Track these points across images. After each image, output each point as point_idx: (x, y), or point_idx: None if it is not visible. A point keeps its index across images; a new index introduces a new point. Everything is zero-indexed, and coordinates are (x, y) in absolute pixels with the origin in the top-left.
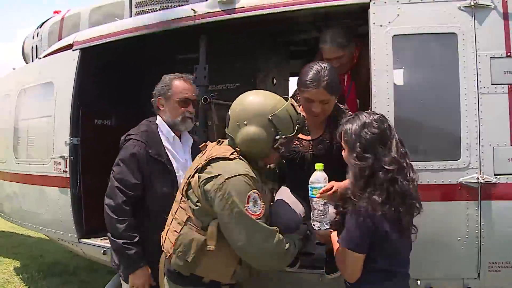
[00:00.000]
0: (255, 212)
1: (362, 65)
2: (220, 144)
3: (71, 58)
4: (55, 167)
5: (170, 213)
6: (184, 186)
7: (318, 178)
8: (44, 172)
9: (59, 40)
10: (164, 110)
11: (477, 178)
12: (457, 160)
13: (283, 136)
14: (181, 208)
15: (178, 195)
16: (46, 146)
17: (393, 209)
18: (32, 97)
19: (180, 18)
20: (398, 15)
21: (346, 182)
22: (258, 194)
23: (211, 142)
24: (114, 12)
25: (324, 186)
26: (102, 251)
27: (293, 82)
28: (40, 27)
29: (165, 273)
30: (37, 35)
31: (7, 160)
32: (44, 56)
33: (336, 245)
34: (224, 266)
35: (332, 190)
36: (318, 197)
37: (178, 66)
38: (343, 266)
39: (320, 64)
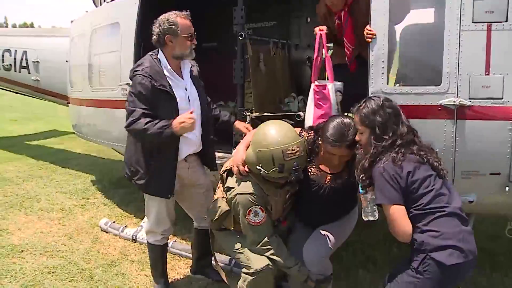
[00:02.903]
0: (255, 221)
1: (359, 1)
2: None
3: (133, 2)
4: (122, 92)
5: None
6: (224, 172)
7: None
8: (114, 97)
9: None
10: (173, 45)
11: (454, 101)
12: (438, 86)
13: (261, 171)
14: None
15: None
16: (114, 76)
17: (409, 153)
18: (102, 35)
19: None
20: None
21: None
22: (260, 208)
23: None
24: None
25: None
26: None
27: None
28: None
29: None
30: None
31: (84, 89)
32: (111, 0)
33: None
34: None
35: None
36: (370, 190)
37: (222, 7)
38: (391, 227)
39: (344, 121)
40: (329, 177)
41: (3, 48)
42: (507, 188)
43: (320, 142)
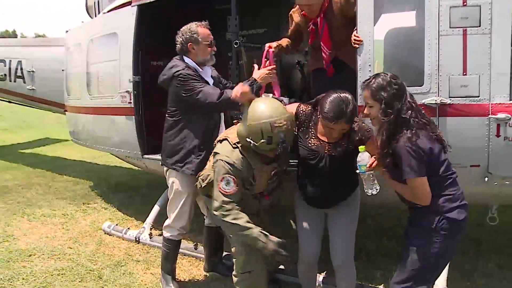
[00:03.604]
0: (225, 189)
1: (333, 8)
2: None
3: (131, 13)
4: (122, 100)
5: None
6: (217, 141)
7: (364, 157)
8: (113, 104)
9: None
10: (195, 52)
11: (436, 100)
12: (421, 86)
13: (251, 143)
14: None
15: None
16: (113, 83)
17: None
18: (100, 45)
19: None
20: None
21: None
22: (233, 179)
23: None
24: None
25: (369, 162)
26: (160, 163)
27: None
28: None
29: None
30: None
31: (82, 97)
32: (108, 11)
33: (399, 186)
34: None
35: (376, 163)
36: (368, 170)
37: (213, 14)
38: (414, 195)
39: (341, 96)
40: (328, 146)
41: None
42: (486, 179)
43: (318, 116)
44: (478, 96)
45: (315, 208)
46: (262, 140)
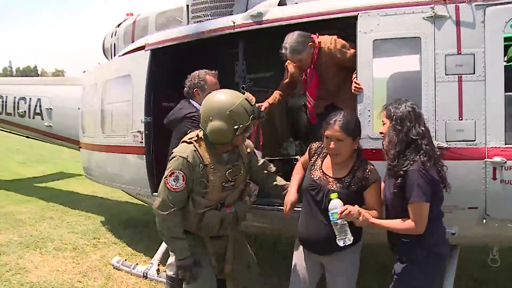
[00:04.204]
0: (172, 185)
1: (323, 59)
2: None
3: (144, 57)
4: (133, 139)
5: None
6: None
7: (336, 204)
8: (125, 143)
9: (132, 39)
10: (200, 97)
11: None
12: None
13: (241, 126)
14: None
15: None
16: (126, 123)
17: (433, 163)
18: (114, 86)
19: (223, 27)
20: (378, 24)
21: (357, 207)
22: (182, 176)
23: None
24: (175, 16)
25: (341, 209)
26: None
27: None
28: (118, 27)
29: None
30: (115, 34)
31: (96, 135)
32: (123, 54)
33: (386, 222)
34: None
35: (348, 210)
36: (339, 218)
37: (223, 58)
38: (416, 221)
39: (342, 111)
40: (330, 180)
41: (18, 96)
42: (484, 221)
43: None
44: (474, 140)
45: (312, 254)
46: (250, 116)
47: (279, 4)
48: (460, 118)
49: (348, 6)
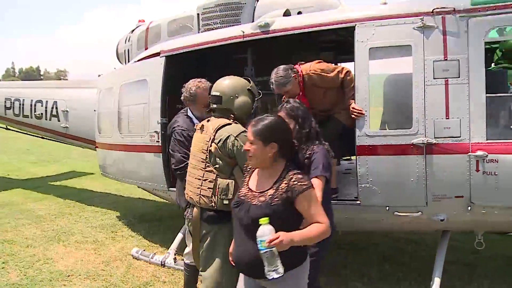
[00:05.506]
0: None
1: (307, 84)
2: (212, 120)
3: (159, 63)
4: (150, 139)
5: (194, 180)
6: (206, 156)
7: (265, 231)
8: (143, 142)
9: (145, 45)
10: (193, 108)
11: (423, 140)
12: (410, 128)
13: (256, 99)
14: (208, 171)
15: (199, 164)
16: (143, 124)
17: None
18: (131, 89)
19: (233, 36)
20: (373, 34)
21: (291, 233)
22: None
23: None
24: (186, 23)
25: (271, 237)
26: None
27: None
28: (131, 33)
29: (203, 220)
30: (128, 40)
31: (113, 135)
32: (138, 60)
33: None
34: None
35: (279, 239)
36: (267, 246)
37: (232, 63)
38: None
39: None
40: (255, 195)
41: (35, 99)
42: (469, 208)
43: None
44: (460, 137)
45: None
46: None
47: (284, 15)
48: (447, 117)
49: (346, 18)
